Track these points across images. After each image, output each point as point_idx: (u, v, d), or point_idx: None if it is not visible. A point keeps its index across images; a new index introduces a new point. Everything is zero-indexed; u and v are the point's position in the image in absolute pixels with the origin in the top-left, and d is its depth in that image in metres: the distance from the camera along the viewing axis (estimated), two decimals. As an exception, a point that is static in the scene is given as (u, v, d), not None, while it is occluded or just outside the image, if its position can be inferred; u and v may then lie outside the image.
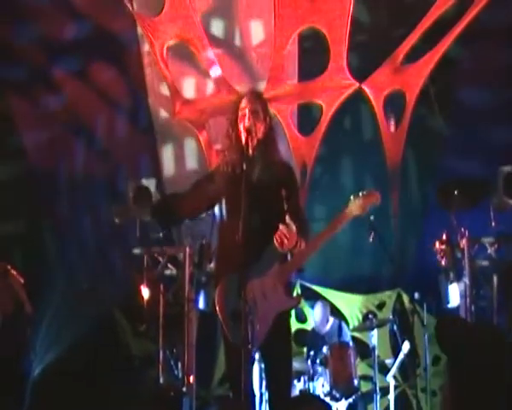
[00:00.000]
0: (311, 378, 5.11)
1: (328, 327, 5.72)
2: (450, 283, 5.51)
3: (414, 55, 6.37)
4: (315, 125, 6.64)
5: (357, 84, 6.45)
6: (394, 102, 6.54)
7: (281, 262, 3.33)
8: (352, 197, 3.34)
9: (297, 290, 5.81)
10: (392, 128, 6.55)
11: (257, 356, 4.21)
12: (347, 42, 6.34)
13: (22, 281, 4.86)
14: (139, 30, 6.85)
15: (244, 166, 3.33)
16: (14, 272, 4.85)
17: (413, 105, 6.45)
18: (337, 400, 5.02)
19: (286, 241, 3.27)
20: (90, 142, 6.91)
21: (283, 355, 3.41)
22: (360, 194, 3.34)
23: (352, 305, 6.20)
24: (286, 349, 3.44)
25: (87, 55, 6.87)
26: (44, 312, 5.54)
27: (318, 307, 5.84)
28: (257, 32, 7.05)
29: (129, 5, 6.61)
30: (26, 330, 4.84)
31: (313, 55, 6.76)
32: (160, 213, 3.73)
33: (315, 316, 5.84)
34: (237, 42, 7.06)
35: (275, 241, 3.27)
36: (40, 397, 4.55)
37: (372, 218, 4.47)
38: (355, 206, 3.33)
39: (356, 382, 5.07)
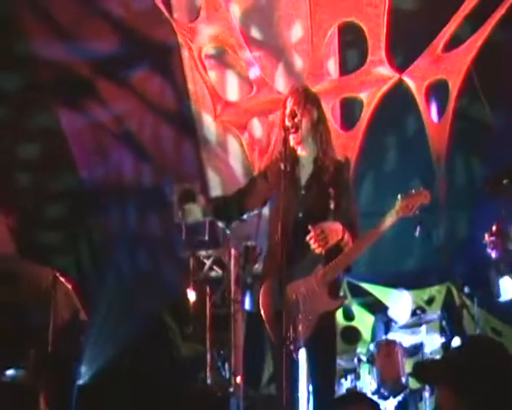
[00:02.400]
0: (358, 377, 5.06)
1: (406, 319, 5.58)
2: (502, 275, 5.32)
3: (455, 42, 6.20)
4: (356, 120, 6.56)
5: (398, 76, 6.33)
6: (437, 92, 6.38)
7: (325, 263, 3.30)
8: (399, 197, 3.26)
9: (343, 290, 5.75)
10: (436, 118, 6.40)
11: (304, 356, 4.21)
12: (386, 33, 6.24)
13: (74, 287, 5.02)
14: (179, 36, 6.97)
15: (291, 165, 3.35)
16: (63, 279, 5.01)
17: (457, 93, 6.27)
18: (385, 398, 4.94)
19: (319, 243, 3.23)
20: (136, 149, 7.07)
21: (327, 355, 3.41)
22: (408, 193, 3.26)
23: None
24: (330, 349, 3.44)
25: (131, 64, 7.03)
26: (95, 317, 5.70)
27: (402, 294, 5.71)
28: (296, 29, 7.03)
29: (166, 12, 6.71)
30: (80, 337, 5.00)
31: (354, 49, 6.70)
32: (220, 210, 3.75)
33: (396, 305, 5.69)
34: (276, 41, 7.06)
35: (310, 244, 3.25)
36: (91, 401, 4.69)
37: (417, 211, 4.38)
38: (403, 206, 3.26)
39: (404, 379, 4.97)
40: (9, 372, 4.77)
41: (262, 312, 3.34)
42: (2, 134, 6.72)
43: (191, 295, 5.72)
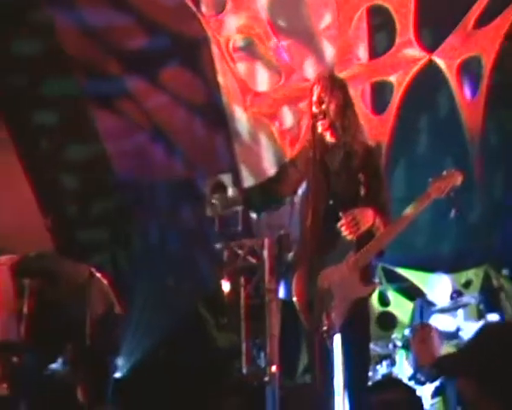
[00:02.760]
0: (394, 362, 5.00)
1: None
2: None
3: (487, 18, 6.02)
4: (387, 104, 6.46)
5: (428, 56, 6.21)
6: (470, 69, 6.23)
7: (357, 249, 3.27)
8: (431, 179, 3.22)
9: (378, 276, 5.69)
10: (470, 96, 6.24)
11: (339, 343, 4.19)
12: (414, 13, 6.12)
13: (110, 282, 5.13)
14: (207, 29, 7.00)
15: (321, 153, 3.32)
16: (99, 275, 5.14)
17: (491, 69, 6.11)
18: (422, 383, 4.85)
19: (351, 229, 3.22)
20: (169, 143, 7.15)
21: (361, 341, 3.37)
22: (440, 175, 3.21)
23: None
24: (363, 335, 3.40)
25: (162, 60, 7.11)
26: (131, 312, 5.81)
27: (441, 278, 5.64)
28: (324, 14, 6.96)
29: (194, 7, 6.75)
30: (115, 330, 5.11)
31: (383, 31, 6.59)
32: (251, 199, 3.77)
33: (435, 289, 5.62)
34: (304, 28, 7.01)
35: (342, 231, 3.23)
36: (128, 393, 4.79)
37: (452, 194, 4.29)
38: (435, 188, 3.21)
39: (441, 364, 4.89)
40: (50, 366, 4.92)
41: (295, 300, 3.33)
42: (49, 137, 6.92)
43: (226, 286, 5.75)
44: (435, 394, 4.90)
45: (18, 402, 4.53)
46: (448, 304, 5.48)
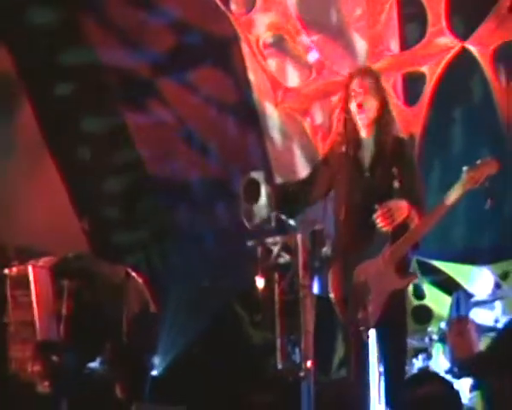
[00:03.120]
0: (430, 356, 4.94)
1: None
2: None
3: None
4: (419, 94, 6.37)
5: (460, 44, 6.09)
6: (505, 55, 6.08)
7: (392, 242, 3.28)
8: (465, 169, 3.20)
9: (413, 268, 5.61)
10: (505, 83, 6.10)
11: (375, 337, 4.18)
12: (445, 1, 6.02)
13: (146, 281, 5.22)
14: (237, 28, 7.03)
15: (354, 148, 3.37)
16: (135, 275, 5.24)
17: (527, 54, 5.97)
18: (459, 377, 4.79)
19: (387, 221, 3.22)
20: (201, 142, 7.22)
21: (397, 334, 3.40)
22: (475, 164, 3.21)
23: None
24: (400, 328, 3.42)
25: (192, 60, 7.18)
26: (167, 310, 5.88)
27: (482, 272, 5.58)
28: (353, 6, 6.91)
29: (223, 6, 6.79)
30: (152, 329, 5.21)
31: (415, 21, 6.50)
32: (285, 204, 3.78)
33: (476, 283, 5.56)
34: (334, 21, 6.97)
35: (377, 223, 3.24)
36: (165, 391, 4.87)
37: (487, 183, 4.22)
38: (469, 178, 3.21)
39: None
40: (89, 365, 5.05)
41: (332, 294, 3.37)
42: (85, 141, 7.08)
43: (260, 283, 5.77)
44: (473, 388, 4.83)
45: (59, 400, 4.66)
46: (486, 297, 5.38)
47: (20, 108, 6.73)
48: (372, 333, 3.27)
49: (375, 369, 4.85)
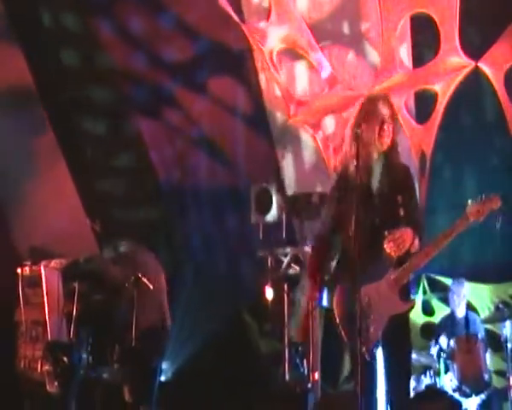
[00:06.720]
0: (438, 373, 4.95)
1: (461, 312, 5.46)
2: None
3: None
4: (431, 112, 6.42)
5: (473, 64, 6.14)
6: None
7: (396, 267, 3.38)
8: (469, 202, 3.31)
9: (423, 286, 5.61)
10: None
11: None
12: (458, 20, 6.08)
13: (168, 292, 5.16)
14: (250, 39, 7.08)
15: (366, 175, 3.43)
16: (145, 280, 5.20)
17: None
18: (467, 396, 4.79)
19: (397, 247, 3.32)
20: (212, 151, 7.26)
21: (400, 356, 3.47)
22: (479, 199, 3.29)
23: (482, 295, 5.90)
24: (402, 350, 3.50)
25: (205, 69, 7.23)
26: (175, 317, 5.89)
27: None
28: (364, 17, 6.94)
29: (235, 16, 6.84)
30: (164, 342, 5.18)
31: (428, 39, 6.56)
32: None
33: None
34: (346, 33, 7.01)
35: (387, 249, 3.31)
36: (173, 397, 4.87)
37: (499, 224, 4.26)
38: (473, 211, 3.29)
39: (486, 377, 4.82)
40: (98, 367, 5.05)
41: (335, 313, 3.48)
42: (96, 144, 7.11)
43: (269, 293, 5.80)
44: (481, 407, 4.83)
45: (68, 401, 4.67)
46: (494, 315, 5.40)
47: (35, 114, 6.78)
48: (376, 352, 3.34)
49: (381, 386, 4.90)
